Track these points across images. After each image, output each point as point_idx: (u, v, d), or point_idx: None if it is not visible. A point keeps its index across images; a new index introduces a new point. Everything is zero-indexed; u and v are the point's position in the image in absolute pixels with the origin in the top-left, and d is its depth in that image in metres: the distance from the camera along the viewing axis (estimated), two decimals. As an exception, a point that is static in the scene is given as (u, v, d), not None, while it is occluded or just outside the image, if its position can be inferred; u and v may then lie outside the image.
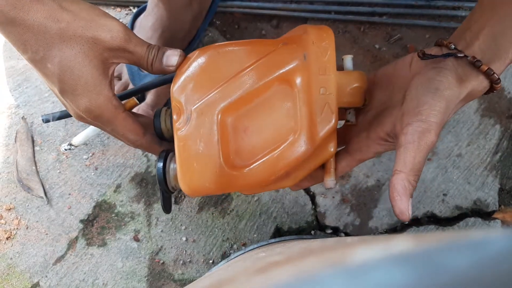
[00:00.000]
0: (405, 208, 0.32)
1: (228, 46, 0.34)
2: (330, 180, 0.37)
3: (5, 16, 0.29)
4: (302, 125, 0.33)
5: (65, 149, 0.47)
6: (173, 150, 0.36)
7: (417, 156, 0.32)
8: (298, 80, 0.33)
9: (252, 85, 0.32)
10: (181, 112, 0.32)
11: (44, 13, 0.30)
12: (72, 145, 0.45)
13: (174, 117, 0.33)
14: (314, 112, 0.33)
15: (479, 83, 0.32)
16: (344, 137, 0.39)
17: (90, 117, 0.34)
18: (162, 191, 0.36)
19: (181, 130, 0.32)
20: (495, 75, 0.32)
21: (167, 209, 0.38)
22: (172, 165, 0.36)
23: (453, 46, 0.33)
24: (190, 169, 0.32)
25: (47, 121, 0.41)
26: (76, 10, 0.31)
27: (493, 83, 0.32)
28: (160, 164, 0.35)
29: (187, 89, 0.33)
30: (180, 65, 0.35)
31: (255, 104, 0.32)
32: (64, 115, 0.41)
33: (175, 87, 0.33)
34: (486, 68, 0.32)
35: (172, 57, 0.35)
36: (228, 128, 0.32)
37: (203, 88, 0.32)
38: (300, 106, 0.33)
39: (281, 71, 0.32)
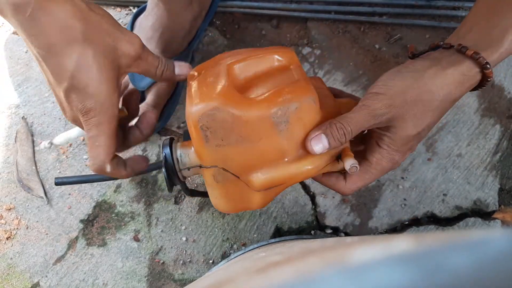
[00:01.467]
0: (309, 135, 0.35)
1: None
2: (352, 164, 0.36)
3: (33, 8, 0.30)
4: (307, 89, 0.35)
5: (45, 147, 0.49)
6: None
7: (354, 119, 0.34)
8: (295, 59, 0.37)
9: (253, 56, 0.37)
10: (196, 76, 0.37)
11: (74, 11, 0.31)
12: (53, 144, 0.46)
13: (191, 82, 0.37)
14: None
15: (467, 68, 0.33)
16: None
17: (88, 117, 0.34)
18: (169, 174, 0.37)
19: (194, 80, 0.36)
20: (481, 58, 0.32)
21: (171, 186, 0.39)
22: (179, 151, 0.37)
23: (441, 43, 0.35)
24: (198, 93, 0.34)
25: (60, 184, 0.44)
26: (103, 14, 0.34)
27: (483, 68, 0.33)
28: (167, 150, 0.37)
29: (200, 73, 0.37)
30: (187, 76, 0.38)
31: (256, 72, 0.36)
32: (79, 181, 0.44)
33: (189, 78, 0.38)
34: (471, 53, 0.32)
35: (185, 68, 0.39)
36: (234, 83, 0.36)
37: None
38: (300, 73, 0.36)
39: (278, 52, 0.37)
